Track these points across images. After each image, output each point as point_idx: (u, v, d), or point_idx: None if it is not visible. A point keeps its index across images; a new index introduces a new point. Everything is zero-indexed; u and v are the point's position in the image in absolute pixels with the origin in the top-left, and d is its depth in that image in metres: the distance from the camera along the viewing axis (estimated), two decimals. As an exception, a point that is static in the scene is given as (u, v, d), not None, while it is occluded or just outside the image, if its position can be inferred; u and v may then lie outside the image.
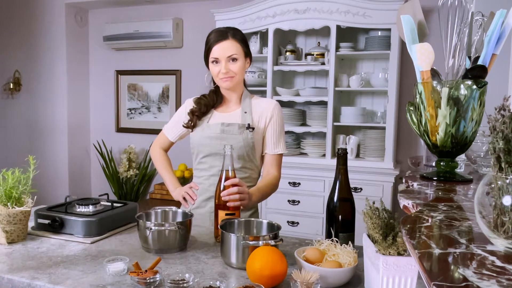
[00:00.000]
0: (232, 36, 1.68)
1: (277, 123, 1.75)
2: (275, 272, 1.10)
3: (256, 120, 1.73)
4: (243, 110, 1.74)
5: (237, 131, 1.68)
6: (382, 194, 3.07)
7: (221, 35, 1.67)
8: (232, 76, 1.67)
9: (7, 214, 1.41)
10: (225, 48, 1.66)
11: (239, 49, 1.67)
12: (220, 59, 1.66)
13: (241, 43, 1.69)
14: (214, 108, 1.79)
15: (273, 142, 1.74)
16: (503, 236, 0.61)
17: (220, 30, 1.71)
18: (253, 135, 1.70)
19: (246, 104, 1.75)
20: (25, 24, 4.34)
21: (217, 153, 1.68)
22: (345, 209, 1.36)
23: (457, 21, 1.11)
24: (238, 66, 1.67)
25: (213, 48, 1.67)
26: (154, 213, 1.53)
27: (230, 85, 1.70)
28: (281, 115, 1.77)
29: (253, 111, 1.74)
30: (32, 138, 4.43)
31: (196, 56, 4.01)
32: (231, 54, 1.65)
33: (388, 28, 3.08)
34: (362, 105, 3.49)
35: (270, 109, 1.74)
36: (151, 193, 3.92)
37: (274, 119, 1.74)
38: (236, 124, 1.69)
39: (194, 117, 1.75)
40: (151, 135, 4.27)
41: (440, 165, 1.14)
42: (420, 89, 1.09)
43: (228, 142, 1.64)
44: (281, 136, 1.76)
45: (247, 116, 1.72)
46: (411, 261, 0.94)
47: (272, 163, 1.75)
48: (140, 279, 1.10)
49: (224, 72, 1.65)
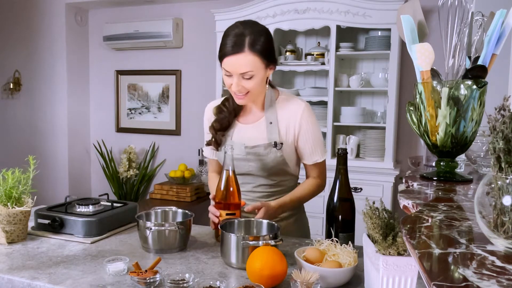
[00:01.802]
0: (250, 46, 1.38)
1: (309, 132, 1.54)
2: (275, 272, 1.10)
3: (284, 131, 1.53)
4: (267, 120, 1.54)
5: (264, 151, 1.51)
6: (382, 194, 3.07)
7: (236, 46, 1.39)
8: (245, 93, 1.45)
9: (7, 214, 1.41)
10: (239, 64, 1.39)
11: (257, 64, 1.40)
12: (233, 73, 1.42)
13: (260, 55, 1.40)
14: (237, 117, 1.60)
15: (308, 153, 1.57)
16: (503, 236, 0.61)
17: (237, 35, 1.40)
18: (282, 151, 1.52)
19: (270, 112, 1.54)
20: (25, 24, 4.34)
21: (246, 173, 1.56)
22: (345, 209, 1.36)
23: (457, 21, 1.11)
24: (253, 83, 1.43)
25: (225, 59, 1.41)
26: (154, 213, 1.53)
27: (244, 103, 1.51)
28: (312, 119, 1.55)
29: (279, 120, 1.53)
30: (32, 138, 4.43)
31: (196, 56, 4.02)
32: (245, 72, 1.40)
33: (388, 28, 3.08)
34: (362, 105, 3.49)
35: (298, 116, 1.52)
36: (151, 193, 3.91)
37: (304, 128, 1.53)
38: (261, 145, 1.52)
39: (218, 135, 1.57)
40: (151, 135, 4.27)
41: (440, 165, 1.14)
42: (420, 89, 1.09)
43: (255, 163, 1.53)
44: (316, 144, 1.57)
45: (273, 128, 1.52)
46: (411, 261, 0.94)
47: (311, 171, 1.62)
48: (140, 279, 1.10)
49: (235, 90, 1.44)
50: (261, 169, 1.55)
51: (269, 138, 1.53)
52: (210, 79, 3.72)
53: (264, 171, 1.55)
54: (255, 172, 1.56)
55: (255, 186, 1.59)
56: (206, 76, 3.88)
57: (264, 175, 1.56)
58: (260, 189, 1.60)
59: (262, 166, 1.54)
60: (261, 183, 1.58)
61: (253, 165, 1.55)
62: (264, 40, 1.42)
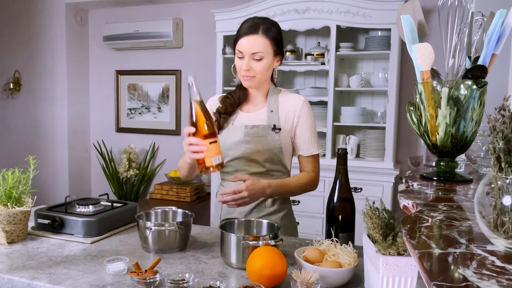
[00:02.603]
0: (264, 31, 1.53)
1: (308, 123, 1.62)
2: (275, 272, 1.11)
3: (283, 119, 1.61)
4: (269, 108, 1.62)
5: (262, 133, 1.58)
6: (382, 194, 3.07)
7: (251, 28, 1.54)
8: (253, 76, 1.55)
9: (7, 214, 1.41)
10: (251, 44, 1.52)
11: (267, 47, 1.53)
12: (244, 54, 1.53)
13: (271, 41, 1.54)
14: (240, 106, 1.68)
15: (306, 143, 1.63)
16: (503, 236, 0.61)
17: (254, 22, 1.56)
18: (280, 136, 1.58)
19: (272, 102, 1.63)
20: (25, 24, 4.34)
21: (243, 157, 1.60)
22: (345, 209, 1.36)
23: (457, 21, 1.11)
24: (261, 66, 1.54)
25: (240, 40, 1.54)
26: (154, 213, 1.53)
27: (250, 85, 1.60)
28: (310, 113, 1.65)
29: (279, 109, 1.62)
30: (32, 138, 4.43)
31: (196, 56, 4.02)
32: (255, 52, 1.52)
33: (388, 28, 3.08)
34: (362, 105, 3.49)
35: (298, 107, 1.62)
36: (151, 193, 3.92)
37: (303, 118, 1.62)
38: (261, 126, 1.59)
39: (221, 118, 1.63)
40: (151, 135, 4.27)
41: (440, 165, 1.14)
42: (420, 89, 1.09)
43: (252, 145, 1.57)
44: (313, 136, 1.64)
45: (274, 115, 1.61)
46: (411, 261, 0.94)
47: (307, 164, 1.65)
48: (140, 279, 1.10)
49: (245, 69, 1.54)
50: (257, 151, 1.58)
51: (269, 122, 1.60)
52: (210, 79, 3.72)
53: (259, 155, 1.58)
54: (250, 155, 1.59)
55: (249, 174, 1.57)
56: (206, 76, 3.87)
57: (258, 159, 1.59)
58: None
59: (259, 148, 1.57)
60: (254, 170, 1.59)
61: (249, 147, 1.58)
62: (276, 31, 1.58)
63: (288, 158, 1.65)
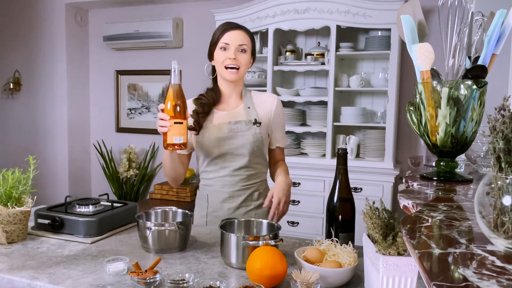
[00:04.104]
0: (246, 31, 1.69)
1: (281, 117, 1.77)
2: (275, 272, 1.10)
3: (261, 114, 1.71)
4: (246, 105, 1.72)
5: (245, 127, 1.66)
6: (382, 194, 3.07)
7: (234, 25, 1.68)
8: (238, 67, 1.65)
9: (7, 214, 1.41)
10: (237, 37, 1.64)
11: (249, 42, 1.67)
12: (231, 45, 1.64)
13: (251, 39, 1.69)
14: (215, 106, 1.74)
15: (282, 135, 1.79)
16: (503, 236, 0.61)
17: (234, 23, 1.71)
18: (260, 130, 1.68)
19: (247, 99, 1.73)
20: (25, 24, 4.34)
21: (228, 153, 1.66)
22: (345, 209, 1.36)
23: (457, 21, 1.11)
24: (245, 58, 1.66)
25: (225, 34, 1.65)
26: (154, 213, 1.53)
27: (235, 78, 1.67)
28: (282, 109, 1.80)
29: (256, 106, 1.72)
30: (32, 138, 4.43)
31: (196, 56, 4.02)
32: (242, 43, 1.64)
33: (388, 28, 3.08)
34: (362, 105, 3.49)
35: (274, 104, 1.74)
36: (151, 193, 3.92)
37: (278, 113, 1.75)
38: (243, 121, 1.67)
39: (199, 118, 1.68)
40: (151, 135, 4.27)
41: (440, 165, 1.14)
42: (420, 89, 1.09)
43: (237, 140, 1.65)
44: (284, 129, 1.82)
45: (251, 111, 1.70)
46: (411, 261, 0.94)
47: (281, 154, 1.82)
48: (140, 279, 1.10)
49: (232, 57, 1.63)
50: (241, 146, 1.66)
51: (248, 118, 1.69)
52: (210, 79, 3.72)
53: (244, 149, 1.66)
54: (235, 151, 1.66)
55: (235, 170, 1.68)
56: (206, 76, 3.87)
57: (244, 153, 1.66)
58: (239, 172, 1.68)
59: (243, 142, 1.65)
60: (240, 165, 1.67)
61: (234, 142, 1.65)
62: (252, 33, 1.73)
63: (266, 150, 1.77)
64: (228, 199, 1.69)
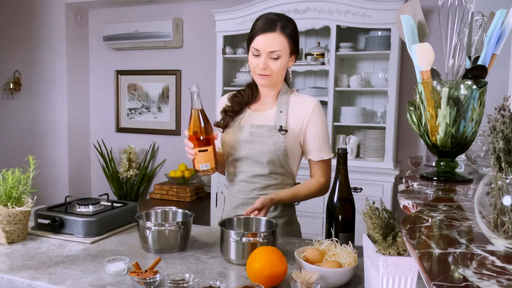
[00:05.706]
0: (281, 29, 1.49)
1: (319, 127, 1.57)
2: (275, 272, 1.10)
3: (292, 121, 1.56)
4: (278, 109, 1.57)
5: (267, 133, 1.53)
6: (382, 194, 3.07)
7: (269, 25, 1.49)
8: (269, 74, 1.51)
9: (7, 214, 1.41)
10: (269, 42, 1.48)
11: (284, 45, 1.49)
12: (261, 52, 1.49)
13: (289, 39, 1.50)
14: (249, 105, 1.64)
15: (316, 148, 1.58)
16: (503, 236, 0.61)
17: (270, 19, 1.51)
18: (285, 138, 1.53)
19: (282, 102, 1.58)
20: (25, 24, 4.34)
21: (246, 157, 1.56)
22: (345, 209, 1.36)
23: (457, 21, 1.11)
24: (278, 65, 1.50)
25: (257, 37, 1.49)
26: (154, 213, 1.53)
27: (266, 84, 1.56)
28: (322, 116, 1.59)
29: (289, 111, 1.57)
30: (32, 138, 4.43)
31: (196, 56, 4.02)
32: (273, 50, 1.48)
33: (388, 28, 3.08)
34: (362, 105, 3.49)
35: (309, 110, 1.56)
36: (151, 193, 3.92)
37: (314, 122, 1.56)
38: (267, 126, 1.54)
39: (227, 117, 1.60)
40: (151, 135, 4.27)
41: (440, 165, 1.14)
42: (420, 89, 1.09)
43: (256, 145, 1.54)
44: (324, 141, 1.59)
45: (282, 116, 1.56)
46: (411, 261, 0.94)
47: (317, 169, 1.61)
48: (140, 279, 1.10)
49: (261, 68, 1.50)
50: (260, 152, 1.54)
51: (276, 123, 1.56)
52: (210, 79, 3.72)
53: (263, 156, 1.54)
54: (254, 156, 1.55)
55: (252, 176, 1.58)
56: (206, 76, 3.88)
57: (262, 161, 1.55)
58: (256, 180, 1.58)
59: (262, 149, 1.54)
60: (257, 172, 1.57)
61: (253, 147, 1.54)
62: (293, 28, 1.54)
63: (294, 161, 1.60)
64: (241, 206, 1.58)
